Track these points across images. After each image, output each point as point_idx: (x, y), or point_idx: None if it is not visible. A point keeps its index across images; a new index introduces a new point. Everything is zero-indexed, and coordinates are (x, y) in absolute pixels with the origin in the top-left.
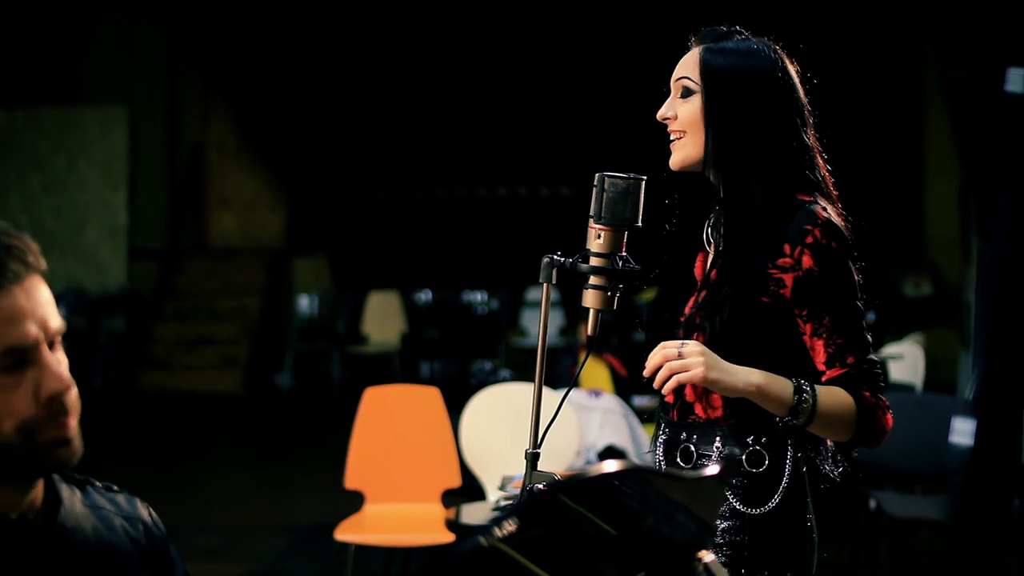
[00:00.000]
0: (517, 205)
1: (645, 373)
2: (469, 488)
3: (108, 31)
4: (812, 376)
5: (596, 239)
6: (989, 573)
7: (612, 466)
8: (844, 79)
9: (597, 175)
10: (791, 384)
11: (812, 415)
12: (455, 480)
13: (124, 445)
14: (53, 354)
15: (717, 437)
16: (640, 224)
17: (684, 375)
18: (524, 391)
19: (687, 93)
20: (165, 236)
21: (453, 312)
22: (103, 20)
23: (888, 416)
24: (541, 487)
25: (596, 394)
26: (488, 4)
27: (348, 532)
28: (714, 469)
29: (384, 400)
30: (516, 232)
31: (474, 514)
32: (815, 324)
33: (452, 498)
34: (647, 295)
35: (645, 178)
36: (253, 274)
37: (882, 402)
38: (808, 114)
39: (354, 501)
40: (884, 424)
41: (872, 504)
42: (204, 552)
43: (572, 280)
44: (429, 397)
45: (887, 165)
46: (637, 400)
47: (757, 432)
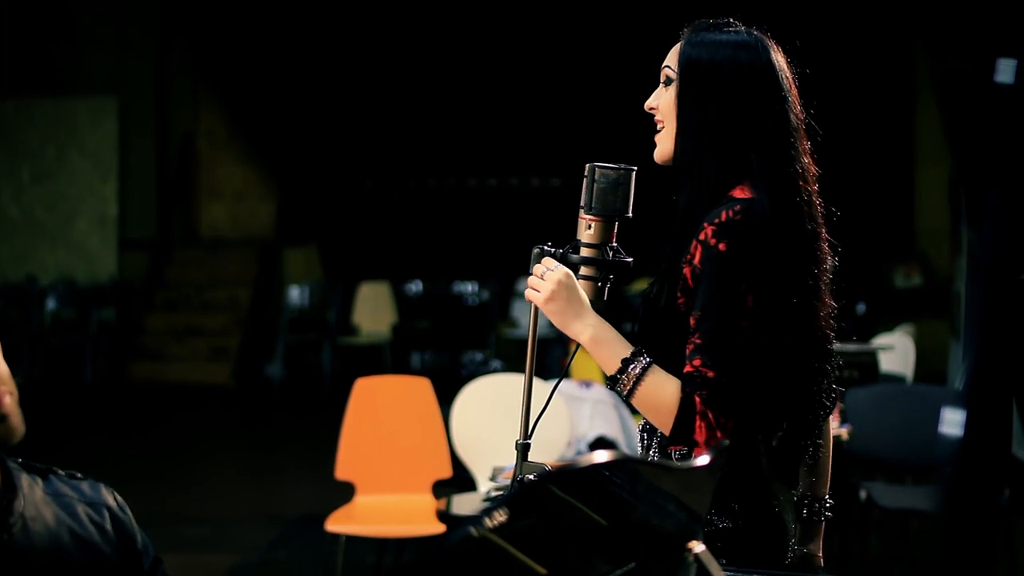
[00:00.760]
0: (508, 196)
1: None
2: (460, 479)
3: (99, 22)
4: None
5: (587, 229)
6: (978, 563)
7: (603, 457)
8: (835, 71)
9: (588, 165)
10: (624, 354)
11: (631, 391)
12: (446, 471)
13: (114, 436)
14: None
15: (658, 432)
16: (631, 214)
17: (529, 292)
18: (515, 382)
19: (668, 82)
20: (155, 227)
21: (444, 303)
22: (94, 11)
23: (716, 432)
24: (532, 477)
25: (587, 385)
26: None
27: (339, 523)
28: (705, 459)
29: (375, 391)
30: (507, 223)
31: (465, 505)
32: (693, 319)
33: (443, 489)
34: (638, 285)
35: (636, 168)
36: (244, 265)
37: (715, 414)
38: (794, 105)
39: (345, 492)
40: (705, 434)
41: (862, 495)
42: (195, 543)
43: None
44: (420, 388)
45: (878, 156)
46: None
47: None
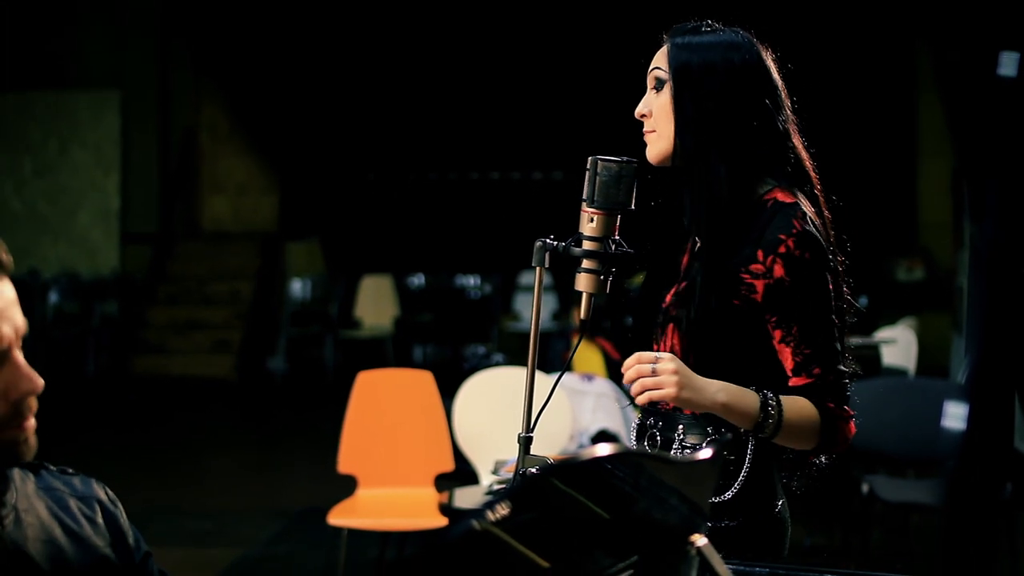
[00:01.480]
0: (510, 189)
1: (624, 381)
2: (462, 472)
3: (100, 15)
4: (779, 379)
5: (589, 223)
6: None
7: (605, 450)
8: (837, 65)
9: (590, 159)
10: (758, 401)
11: (777, 430)
12: (448, 464)
13: (117, 430)
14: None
15: (680, 426)
16: (633, 208)
17: (656, 393)
18: (517, 375)
19: (660, 84)
20: (157, 220)
21: (446, 296)
22: (95, 4)
23: (851, 425)
24: (534, 471)
25: (589, 378)
26: None
27: (341, 516)
28: (707, 453)
29: (377, 384)
30: (509, 216)
31: (467, 498)
32: (784, 332)
33: (445, 482)
34: (640, 279)
35: (638, 162)
36: (246, 258)
37: (845, 412)
38: (785, 102)
39: (347, 485)
40: (846, 434)
41: (864, 488)
42: (197, 536)
43: (565, 264)
44: (422, 381)
45: (880, 150)
46: (633, 391)
47: (716, 422)
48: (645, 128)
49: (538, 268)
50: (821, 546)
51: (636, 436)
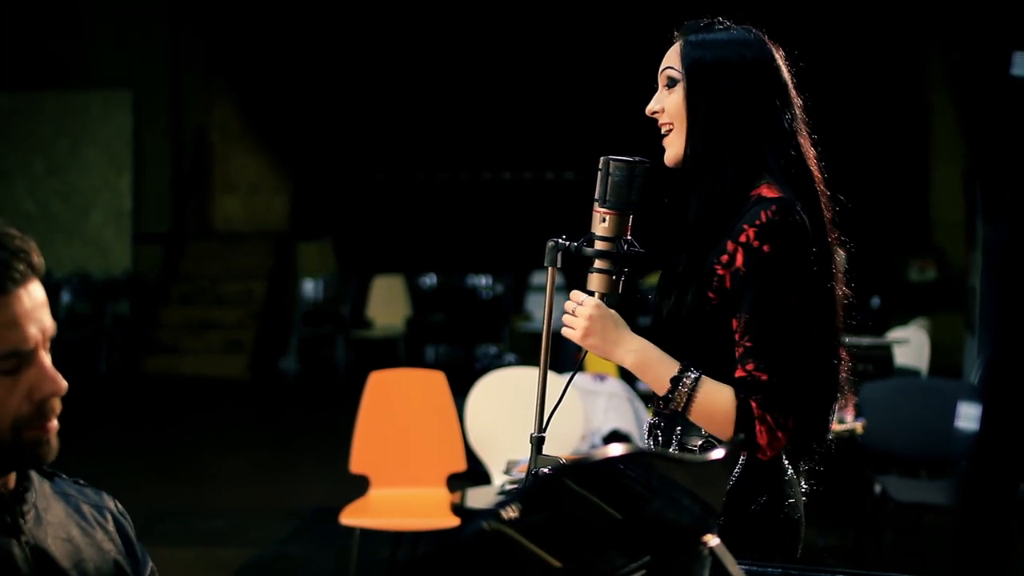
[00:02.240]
0: (522, 189)
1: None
2: (474, 472)
3: (111, 15)
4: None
5: (601, 223)
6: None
7: (617, 450)
8: (849, 65)
9: (602, 159)
10: (673, 372)
11: (685, 405)
12: (460, 464)
13: (129, 429)
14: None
15: (678, 427)
16: (645, 207)
17: (566, 330)
18: (529, 375)
19: (672, 83)
20: (169, 220)
21: (458, 296)
22: (106, 4)
23: (778, 433)
24: (546, 471)
25: (601, 378)
26: None
27: (353, 516)
28: (719, 453)
29: (389, 384)
30: (521, 216)
31: (479, 498)
32: (737, 322)
33: (457, 482)
34: (652, 279)
35: (650, 162)
36: (258, 258)
37: (773, 416)
38: (794, 101)
39: (359, 485)
40: (768, 438)
41: (877, 488)
42: (209, 536)
43: (577, 264)
44: (434, 381)
45: (892, 150)
46: (642, 384)
47: None
48: (662, 127)
49: (550, 268)
50: (834, 546)
51: (648, 435)
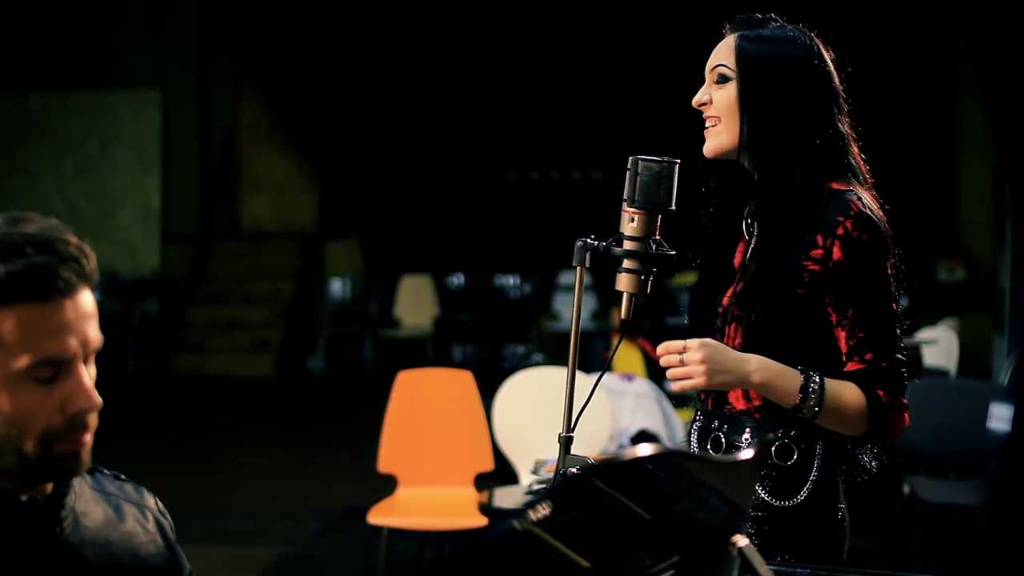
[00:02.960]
0: (549, 189)
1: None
2: (502, 472)
3: (140, 14)
4: (837, 365)
5: (630, 223)
6: None
7: (646, 450)
8: (878, 63)
9: (631, 158)
10: (799, 380)
11: (818, 411)
12: (488, 464)
13: (157, 429)
14: (87, 368)
15: (747, 429)
16: (674, 208)
17: (687, 383)
18: (557, 375)
19: (723, 80)
20: (198, 220)
21: (485, 296)
22: (135, 3)
23: (904, 416)
24: (575, 471)
25: (629, 378)
26: None
27: (381, 516)
28: (749, 453)
29: (417, 384)
30: (548, 216)
31: (507, 498)
32: (840, 315)
33: (485, 482)
34: (681, 279)
35: (679, 161)
36: (286, 258)
37: (898, 402)
38: (844, 102)
39: (387, 485)
40: (897, 423)
41: (906, 489)
42: (237, 535)
43: (605, 264)
44: (462, 381)
45: (921, 148)
46: (670, 384)
47: (787, 425)
48: (707, 118)
49: (579, 268)
50: (862, 547)
51: (697, 438)
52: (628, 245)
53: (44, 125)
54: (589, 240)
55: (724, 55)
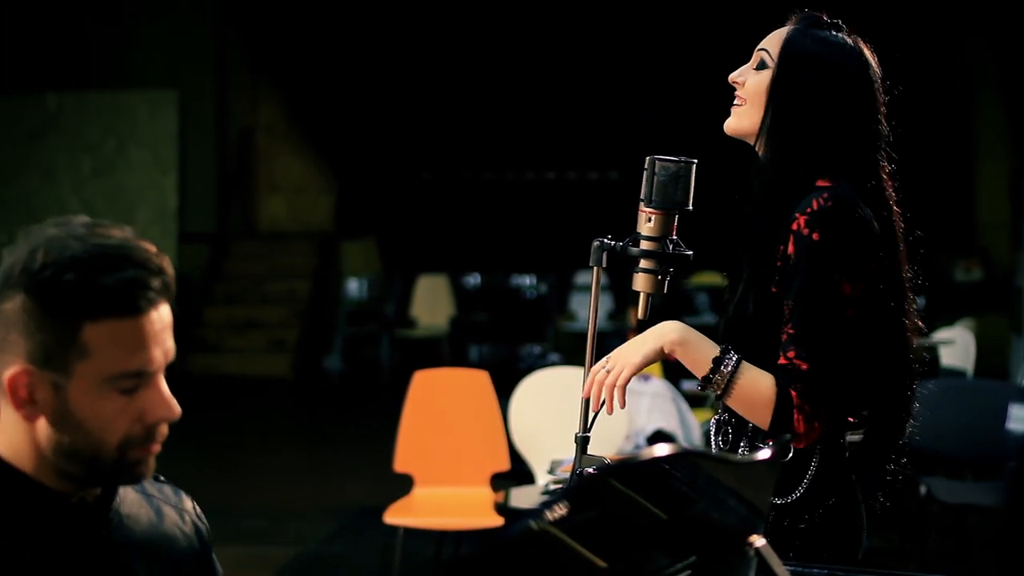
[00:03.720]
0: (566, 189)
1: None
2: (518, 472)
3: (157, 14)
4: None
5: (647, 222)
6: None
7: (663, 450)
8: (894, 63)
9: (648, 158)
10: (713, 354)
11: (726, 390)
12: (504, 464)
13: (173, 428)
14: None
15: (749, 425)
16: (691, 207)
17: (616, 379)
18: (573, 375)
19: (762, 65)
20: (215, 220)
21: (502, 296)
22: (152, 3)
23: (814, 423)
24: (591, 471)
25: (645, 378)
26: None
27: (397, 515)
28: (766, 453)
29: (433, 384)
30: (565, 216)
31: (523, 498)
32: (786, 309)
33: (501, 482)
34: (698, 278)
35: (696, 161)
36: (302, 257)
37: (809, 406)
38: (881, 126)
39: (403, 484)
40: (800, 427)
41: (922, 490)
42: (253, 534)
43: (622, 264)
44: (478, 381)
45: (938, 149)
46: (686, 384)
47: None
48: (737, 93)
49: (595, 268)
50: (878, 547)
51: (715, 430)
52: (645, 245)
53: (61, 125)
54: (606, 240)
55: (772, 42)
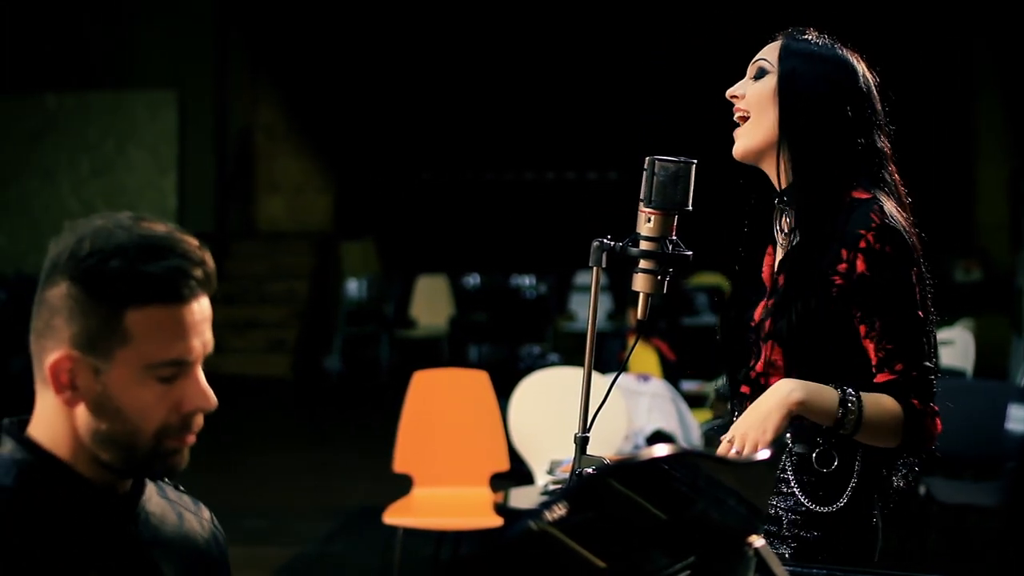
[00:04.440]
0: (565, 189)
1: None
2: (517, 472)
3: (157, 14)
4: (869, 376)
5: (646, 223)
6: None
7: (662, 451)
8: (894, 63)
9: (647, 158)
10: (836, 398)
11: (857, 426)
12: (503, 464)
13: None
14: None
15: (788, 434)
16: (690, 208)
17: (754, 451)
18: (573, 375)
19: (761, 74)
20: (214, 220)
21: (501, 296)
22: (152, 4)
23: (937, 422)
24: (590, 471)
25: (645, 379)
26: None
27: (396, 515)
28: (765, 454)
29: (433, 384)
30: (564, 216)
31: (523, 498)
32: (868, 327)
33: (500, 482)
34: (697, 279)
35: (696, 161)
36: (302, 258)
37: (930, 408)
38: (883, 122)
39: (402, 484)
40: (931, 431)
41: (922, 490)
42: (252, 534)
43: (622, 264)
44: (477, 381)
45: (937, 150)
46: (685, 385)
47: (827, 432)
48: (736, 112)
49: (595, 268)
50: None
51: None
52: (644, 245)
53: (61, 125)
54: (605, 240)
55: (767, 52)
